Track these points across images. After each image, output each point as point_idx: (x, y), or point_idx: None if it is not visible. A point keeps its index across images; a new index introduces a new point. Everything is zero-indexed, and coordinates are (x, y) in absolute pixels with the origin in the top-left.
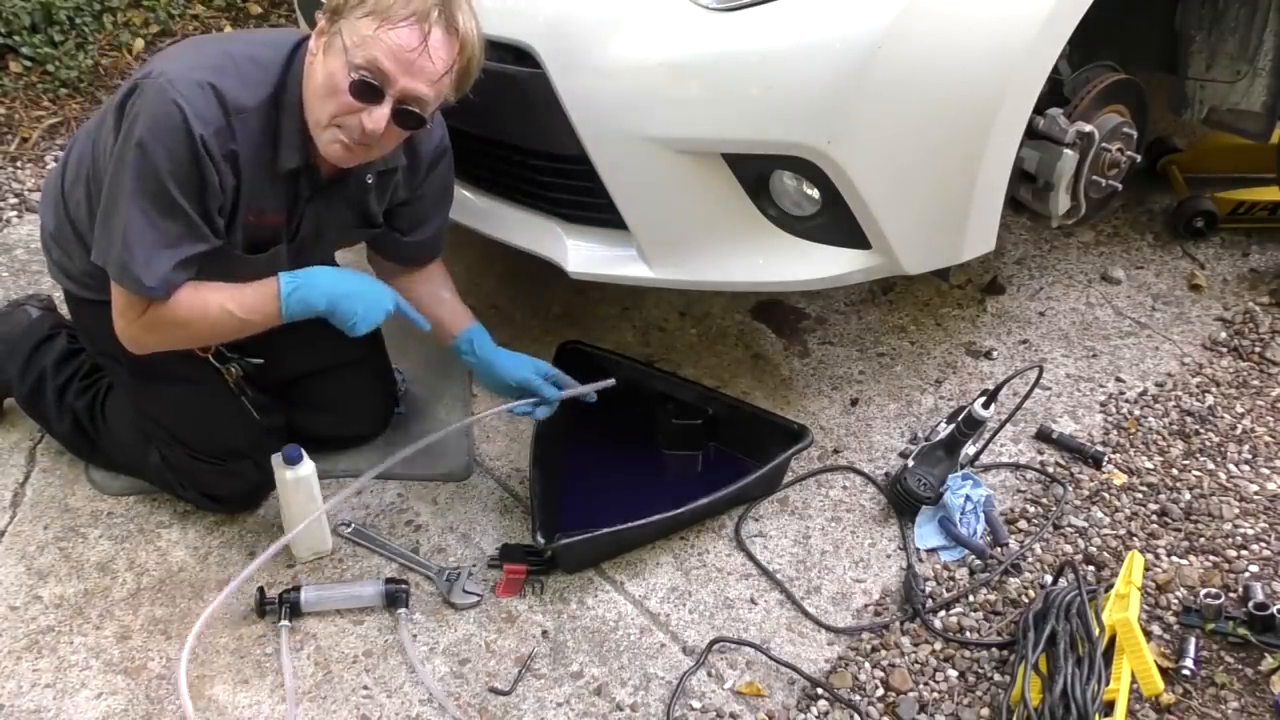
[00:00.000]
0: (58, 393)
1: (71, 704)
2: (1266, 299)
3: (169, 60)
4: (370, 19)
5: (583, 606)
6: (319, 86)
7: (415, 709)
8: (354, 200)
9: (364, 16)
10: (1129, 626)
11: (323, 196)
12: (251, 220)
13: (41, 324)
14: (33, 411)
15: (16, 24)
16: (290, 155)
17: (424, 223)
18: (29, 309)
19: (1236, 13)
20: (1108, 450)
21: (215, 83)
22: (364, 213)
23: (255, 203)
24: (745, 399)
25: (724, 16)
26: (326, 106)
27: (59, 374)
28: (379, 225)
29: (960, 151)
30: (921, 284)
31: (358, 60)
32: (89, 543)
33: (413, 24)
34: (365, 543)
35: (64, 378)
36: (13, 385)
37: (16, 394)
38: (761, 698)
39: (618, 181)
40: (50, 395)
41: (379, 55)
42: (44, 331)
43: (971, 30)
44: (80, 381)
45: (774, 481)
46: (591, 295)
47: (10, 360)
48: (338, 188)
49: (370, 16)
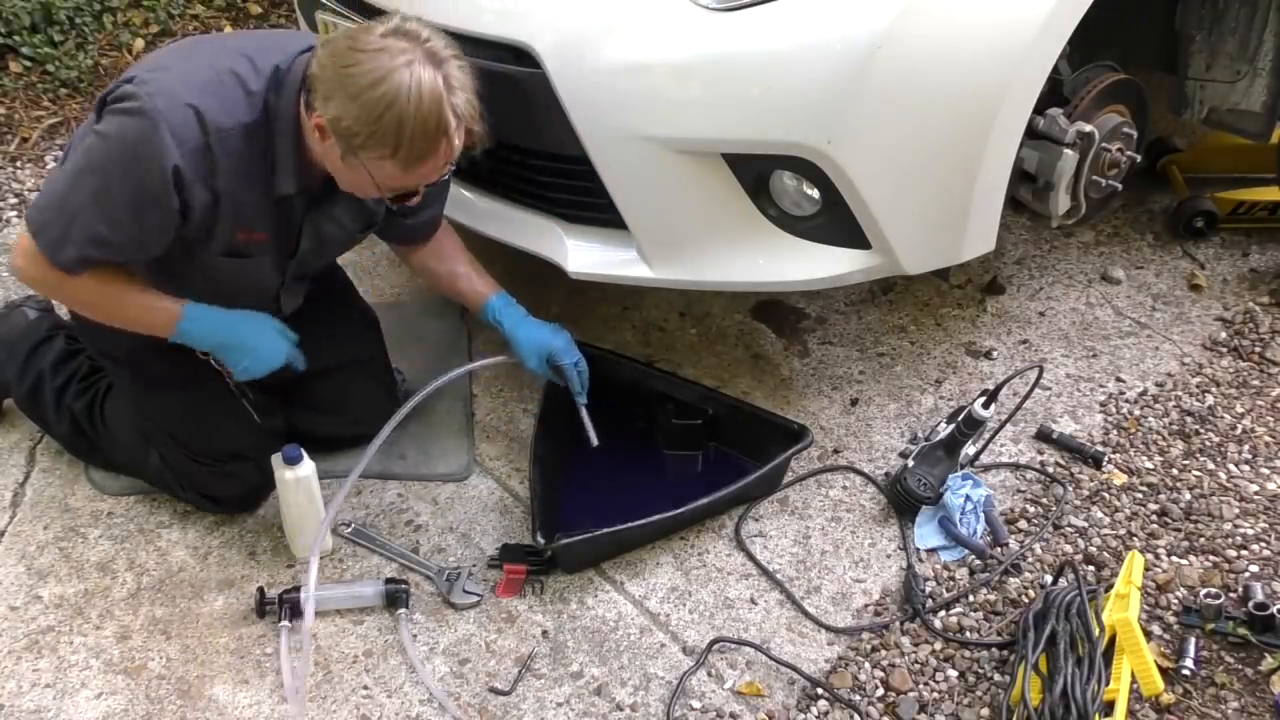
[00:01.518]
0: (56, 394)
1: (71, 704)
2: (1266, 299)
3: (157, 71)
4: (393, 164)
5: (583, 606)
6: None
7: (415, 709)
8: (351, 206)
9: (385, 160)
10: (1129, 626)
11: (320, 211)
12: (241, 238)
13: (39, 325)
14: (31, 413)
15: (16, 24)
16: (287, 181)
17: (424, 207)
18: (26, 310)
19: (1236, 13)
20: (1108, 450)
21: (198, 103)
22: (364, 215)
23: (243, 221)
24: (745, 399)
25: (724, 16)
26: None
27: (57, 375)
28: (378, 222)
29: (960, 151)
30: (921, 284)
31: (390, 186)
32: (89, 543)
33: (436, 158)
34: (365, 543)
35: (62, 379)
36: (11, 386)
37: (15, 395)
38: (761, 698)
39: (618, 181)
40: (49, 396)
41: (411, 184)
42: (42, 333)
43: (971, 30)
44: (79, 383)
45: (774, 481)
46: (591, 295)
47: (9, 362)
48: (334, 199)
49: (392, 162)
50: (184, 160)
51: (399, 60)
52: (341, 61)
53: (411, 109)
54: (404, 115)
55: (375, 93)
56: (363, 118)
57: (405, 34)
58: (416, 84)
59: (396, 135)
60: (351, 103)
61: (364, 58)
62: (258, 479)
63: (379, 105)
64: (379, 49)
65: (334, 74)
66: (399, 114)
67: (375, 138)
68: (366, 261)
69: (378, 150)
